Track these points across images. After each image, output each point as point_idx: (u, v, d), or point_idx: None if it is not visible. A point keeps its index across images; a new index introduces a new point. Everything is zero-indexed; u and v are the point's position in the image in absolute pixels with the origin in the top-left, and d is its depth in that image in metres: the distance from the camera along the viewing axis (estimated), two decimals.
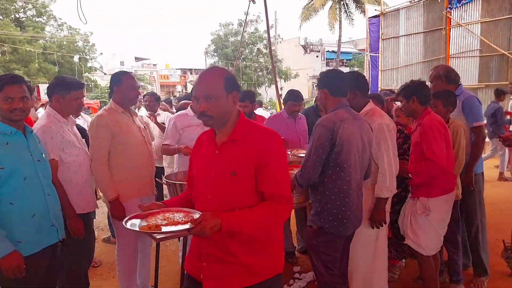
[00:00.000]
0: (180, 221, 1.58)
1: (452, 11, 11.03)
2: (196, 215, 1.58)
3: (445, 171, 2.73)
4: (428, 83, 3.09)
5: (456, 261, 3.22)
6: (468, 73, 11.28)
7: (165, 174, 3.78)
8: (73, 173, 2.68)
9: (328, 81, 2.48)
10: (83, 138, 2.94)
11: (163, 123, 4.86)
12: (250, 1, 6.34)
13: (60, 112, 2.73)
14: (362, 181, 2.51)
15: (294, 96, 3.97)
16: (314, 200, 2.49)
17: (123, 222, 1.61)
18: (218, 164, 1.73)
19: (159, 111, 5.38)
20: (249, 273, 1.70)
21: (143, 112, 5.74)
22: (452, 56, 11.34)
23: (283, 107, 4.27)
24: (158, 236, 2.58)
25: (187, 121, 3.45)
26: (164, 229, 1.54)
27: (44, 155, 2.33)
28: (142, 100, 5.79)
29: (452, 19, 11.16)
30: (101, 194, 3.06)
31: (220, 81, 1.68)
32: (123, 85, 2.94)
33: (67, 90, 2.71)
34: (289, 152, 3.54)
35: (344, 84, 2.49)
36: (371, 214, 2.65)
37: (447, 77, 3.37)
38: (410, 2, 12.70)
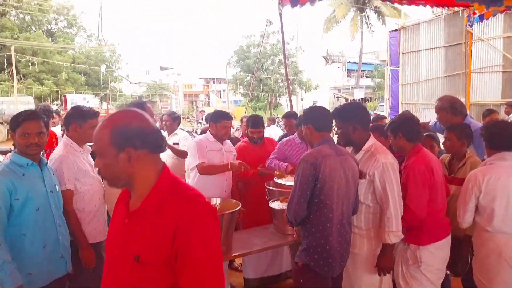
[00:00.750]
0: None
1: (473, 25, 10.88)
2: None
3: (436, 217, 2.62)
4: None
5: None
6: (491, 89, 11.08)
7: None
8: (87, 203, 2.75)
9: (313, 117, 2.55)
10: None
11: (177, 143, 4.90)
12: (267, 22, 6.49)
13: (76, 141, 2.81)
14: (349, 218, 2.51)
15: None
16: (302, 236, 2.50)
17: None
18: (124, 240, 1.31)
19: (177, 131, 5.26)
20: None
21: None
22: (474, 71, 11.14)
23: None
24: None
25: (210, 145, 3.56)
26: None
27: (57, 187, 2.45)
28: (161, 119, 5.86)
29: (473, 34, 10.98)
30: None
31: (105, 135, 1.27)
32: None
33: (84, 119, 2.80)
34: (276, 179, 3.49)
35: (328, 120, 2.57)
36: (377, 261, 2.51)
37: (452, 108, 3.33)
38: (434, 14, 12.55)
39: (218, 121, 3.59)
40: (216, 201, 3.30)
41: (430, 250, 2.61)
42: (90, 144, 3.36)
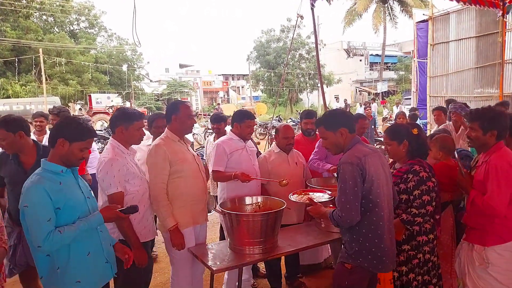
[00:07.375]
0: None
1: (508, 14, 10.48)
2: None
3: (505, 218, 2.49)
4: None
5: None
6: None
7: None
8: (136, 203, 2.69)
9: (346, 120, 2.49)
10: None
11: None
12: (298, 17, 6.40)
13: (122, 143, 2.81)
14: (393, 214, 2.52)
15: None
16: (350, 239, 2.44)
17: None
18: None
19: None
20: None
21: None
22: (507, 61, 10.76)
23: None
24: (215, 268, 2.70)
25: (233, 145, 3.55)
26: None
27: (92, 192, 2.39)
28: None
29: (507, 23, 10.57)
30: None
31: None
32: (181, 114, 3.05)
33: (130, 121, 2.80)
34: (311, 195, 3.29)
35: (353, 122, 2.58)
36: None
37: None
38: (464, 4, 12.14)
39: (243, 121, 3.54)
40: (258, 200, 3.27)
41: (497, 251, 2.52)
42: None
